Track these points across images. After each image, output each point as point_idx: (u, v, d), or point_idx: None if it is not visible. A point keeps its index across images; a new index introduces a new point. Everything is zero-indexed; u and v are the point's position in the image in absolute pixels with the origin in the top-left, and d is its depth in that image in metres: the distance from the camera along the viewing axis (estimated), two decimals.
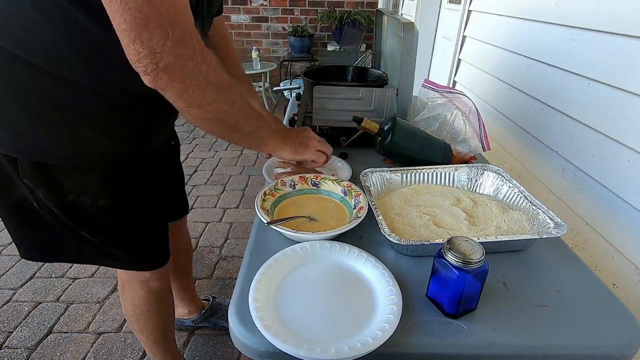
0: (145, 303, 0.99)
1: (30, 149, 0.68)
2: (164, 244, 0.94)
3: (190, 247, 1.33)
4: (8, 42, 0.59)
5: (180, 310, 1.39)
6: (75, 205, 0.75)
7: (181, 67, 0.52)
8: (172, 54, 0.50)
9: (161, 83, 0.52)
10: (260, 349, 0.49)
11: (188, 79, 0.53)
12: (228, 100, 0.60)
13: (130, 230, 0.85)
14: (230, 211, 2.25)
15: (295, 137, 0.78)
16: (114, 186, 0.78)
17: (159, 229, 0.93)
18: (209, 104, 0.58)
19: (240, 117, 0.63)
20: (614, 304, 0.56)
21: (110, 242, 0.83)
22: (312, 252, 0.62)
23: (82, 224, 0.79)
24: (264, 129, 0.70)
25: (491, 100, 1.59)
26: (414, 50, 0.98)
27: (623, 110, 0.90)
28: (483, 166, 0.84)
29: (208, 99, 0.57)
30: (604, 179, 0.95)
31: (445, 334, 0.51)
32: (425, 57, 2.67)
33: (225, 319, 1.44)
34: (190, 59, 0.52)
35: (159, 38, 0.48)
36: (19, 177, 0.71)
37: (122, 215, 0.82)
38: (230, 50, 1.00)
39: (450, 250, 0.50)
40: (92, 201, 0.76)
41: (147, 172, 0.86)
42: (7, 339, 1.41)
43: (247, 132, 0.67)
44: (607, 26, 0.96)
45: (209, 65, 0.54)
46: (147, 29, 0.48)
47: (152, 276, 0.95)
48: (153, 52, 0.49)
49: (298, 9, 4.39)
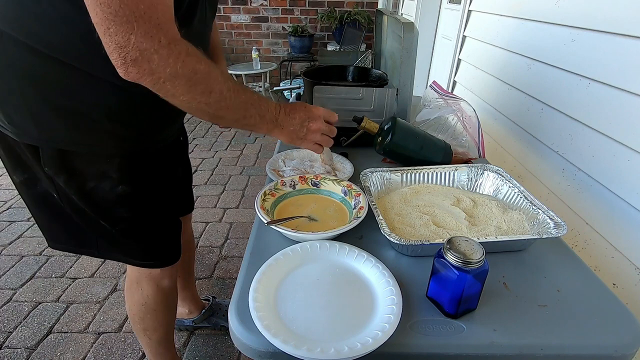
0: (153, 302, 0.99)
1: (52, 137, 0.71)
2: (177, 240, 0.96)
3: (193, 244, 1.34)
4: (27, 37, 0.61)
5: (180, 309, 1.39)
6: (95, 192, 0.78)
7: (148, 61, 0.52)
8: (136, 48, 0.51)
9: (132, 75, 0.54)
10: (260, 349, 0.49)
11: (156, 72, 0.54)
12: (204, 91, 0.59)
13: (146, 222, 0.87)
14: (230, 211, 2.25)
15: (292, 123, 0.74)
16: (132, 174, 0.80)
17: (172, 223, 0.95)
18: (181, 95, 0.58)
19: (220, 106, 0.63)
20: (614, 304, 0.56)
21: (127, 233, 0.85)
22: (312, 252, 0.62)
23: (102, 212, 0.81)
24: (252, 118, 0.68)
25: (491, 100, 1.59)
26: (414, 50, 0.97)
27: (623, 110, 0.90)
28: (483, 166, 0.84)
29: (180, 90, 0.57)
30: (604, 179, 0.95)
31: (445, 334, 0.51)
32: (425, 57, 2.67)
33: (225, 319, 1.44)
34: (156, 53, 0.52)
35: (124, 33, 0.50)
36: (41, 167, 0.74)
37: (140, 204, 0.84)
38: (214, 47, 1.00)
39: (450, 250, 0.50)
40: (112, 187, 0.78)
41: (161, 164, 0.88)
42: (7, 339, 1.41)
43: (232, 119, 0.67)
44: (607, 26, 0.96)
45: (177, 57, 0.54)
46: (114, 24, 0.49)
47: (162, 274, 0.96)
48: (120, 46, 0.51)
49: (298, 9, 4.39)
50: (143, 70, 0.53)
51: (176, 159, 1.04)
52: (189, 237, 1.28)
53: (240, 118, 0.67)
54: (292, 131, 0.74)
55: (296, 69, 4.68)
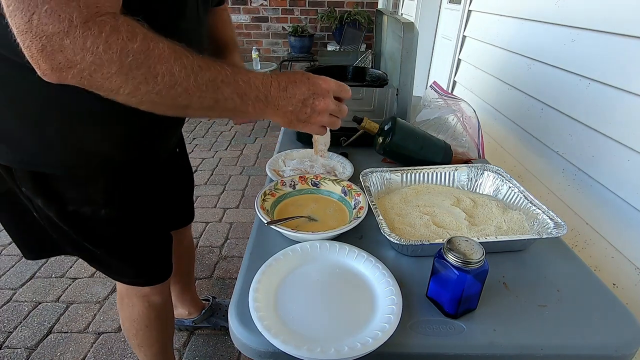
0: (145, 318, 0.95)
1: (26, 158, 0.62)
2: (167, 257, 0.90)
3: (193, 251, 1.31)
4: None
5: (180, 310, 1.38)
6: (77, 215, 0.71)
7: (60, 49, 0.40)
8: (41, 33, 0.39)
9: (49, 75, 0.42)
10: (260, 349, 0.49)
11: (74, 63, 0.41)
12: (146, 77, 0.45)
13: (133, 242, 0.81)
14: (230, 211, 2.25)
15: (291, 102, 0.57)
16: (118, 195, 0.73)
17: (163, 240, 0.89)
18: (121, 87, 0.45)
19: (177, 93, 0.48)
20: (614, 304, 0.56)
21: (113, 254, 0.79)
22: (312, 252, 0.62)
23: (84, 234, 0.74)
24: (228, 101, 0.52)
25: (491, 100, 1.59)
26: (414, 50, 0.97)
27: (623, 110, 0.90)
28: (483, 166, 0.84)
29: (116, 82, 0.44)
30: (604, 179, 0.95)
31: (445, 334, 0.51)
32: (425, 57, 2.67)
33: (225, 319, 1.44)
34: (67, 36, 0.40)
35: (25, 12, 0.38)
36: (18, 187, 0.67)
37: (126, 225, 0.78)
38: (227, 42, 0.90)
39: (450, 251, 0.50)
40: (94, 210, 0.71)
41: (152, 181, 0.81)
42: (7, 339, 1.41)
43: (200, 107, 0.51)
44: (607, 26, 0.96)
45: (96, 38, 0.41)
46: (13, 2, 0.38)
47: (152, 291, 0.90)
48: (21, 32, 0.39)
49: (298, 9, 4.39)
50: (57, 63, 0.41)
51: (172, 172, 0.97)
52: (189, 244, 1.25)
53: (212, 104, 0.51)
54: (291, 112, 0.58)
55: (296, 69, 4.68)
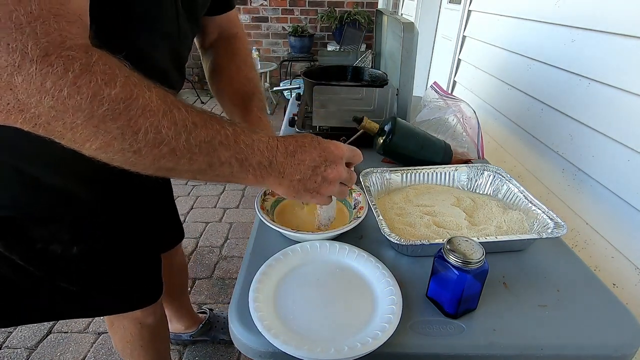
0: (139, 339, 0.91)
1: None
2: (156, 279, 0.84)
3: (185, 266, 1.26)
4: None
5: (177, 325, 1.33)
6: (45, 253, 0.62)
7: (8, 87, 0.31)
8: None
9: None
10: (261, 349, 0.49)
11: (26, 105, 0.32)
12: (123, 132, 0.35)
13: (115, 273, 0.73)
14: (230, 211, 2.25)
15: (298, 169, 0.49)
16: (88, 231, 0.65)
17: (150, 264, 0.82)
18: (87, 141, 0.35)
19: (161, 154, 0.38)
20: (614, 304, 0.56)
21: (92, 290, 0.70)
22: (312, 252, 0.62)
23: (56, 273, 0.65)
24: (225, 166, 0.43)
25: (491, 100, 1.59)
26: (414, 50, 0.97)
27: (623, 110, 0.90)
28: (483, 166, 0.84)
29: (82, 135, 0.35)
30: (604, 179, 0.95)
31: (445, 334, 0.51)
32: (425, 57, 2.67)
33: (224, 331, 1.39)
34: (17, 72, 0.31)
35: None
36: None
37: (103, 258, 0.70)
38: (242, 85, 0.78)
39: (451, 251, 0.50)
40: (63, 249, 0.63)
41: (130, 210, 0.72)
42: (7, 339, 1.41)
43: (188, 170, 0.42)
44: (607, 26, 0.96)
45: (59, 78, 0.32)
46: None
47: (144, 313, 0.85)
48: None
49: (298, 9, 4.39)
50: (5, 104, 0.32)
51: (152, 196, 0.86)
52: (181, 260, 1.19)
53: (204, 167, 0.42)
54: (299, 181, 0.49)
55: (296, 69, 4.68)
